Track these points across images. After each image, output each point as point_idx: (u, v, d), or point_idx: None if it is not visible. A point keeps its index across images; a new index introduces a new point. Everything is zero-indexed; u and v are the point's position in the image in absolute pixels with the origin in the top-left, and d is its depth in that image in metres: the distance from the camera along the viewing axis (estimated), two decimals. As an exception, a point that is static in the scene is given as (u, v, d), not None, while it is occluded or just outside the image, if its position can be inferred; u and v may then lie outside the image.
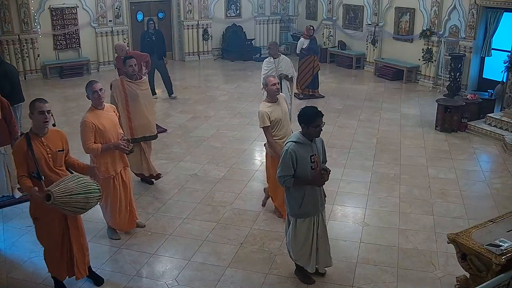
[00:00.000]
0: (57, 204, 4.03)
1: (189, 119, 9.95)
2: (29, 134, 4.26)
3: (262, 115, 5.54)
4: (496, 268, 3.81)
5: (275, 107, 5.62)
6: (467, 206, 6.32)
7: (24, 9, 12.81)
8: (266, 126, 5.54)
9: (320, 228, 4.64)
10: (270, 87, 5.60)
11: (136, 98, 6.35)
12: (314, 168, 4.43)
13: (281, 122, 5.61)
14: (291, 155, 4.34)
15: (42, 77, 13.43)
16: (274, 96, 5.64)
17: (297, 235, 4.59)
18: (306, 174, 4.41)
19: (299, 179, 4.41)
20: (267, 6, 16.94)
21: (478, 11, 10.94)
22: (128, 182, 5.48)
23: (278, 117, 5.58)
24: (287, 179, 4.40)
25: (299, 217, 4.55)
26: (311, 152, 4.43)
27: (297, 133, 4.50)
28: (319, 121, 4.35)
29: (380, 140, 8.69)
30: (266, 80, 5.70)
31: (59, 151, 4.35)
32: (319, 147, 4.56)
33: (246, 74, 14.04)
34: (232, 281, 4.85)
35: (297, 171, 4.38)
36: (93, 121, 4.99)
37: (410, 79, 12.96)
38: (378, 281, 4.84)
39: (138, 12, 14.92)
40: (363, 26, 14.44)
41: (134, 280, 4.86)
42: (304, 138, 4.42)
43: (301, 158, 4.36)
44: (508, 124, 8.69)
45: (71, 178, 4.19)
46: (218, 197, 6.58)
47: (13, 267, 5.07)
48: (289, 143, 4.44)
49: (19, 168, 4.21)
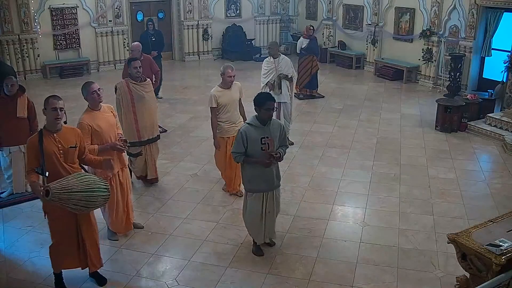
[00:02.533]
0: (55, 200, 4.06)
1: (189, 119, 9.95)
2: (42, 130, 4.34)
3: (210, 97, 6.22)
4: (496, 268, 3.80)
5: (226, 92, 6.25)
6: (467, 206, 6.32)
7: (24, 9, 12.81)
8: (212, 107, 6.22)
9: (268, 204, 5.07)
10: (226, 77, 6.19)
11: (142, 100, 6.32)
12: (264, 149, 4.85)
13: (227, 107, 6.24)
14: (241, 135, 4.86)
15: (42, 77, 13.43)
16: (227, 84, 6.26)
17: (247, 207, 5.14)
18: (257, 154, 4.87)
19: (249, 158, 4.91)
20: (267, 6, 16.94)
21: (478, 11, 10.94)
22: (125, 183, 5.47)
23: (225, 102, 6.22)
24: (237, 155, 4.94)
25: (249, 191, 5.08)
26: (263, 135, 4.87)
27: (252, 116, 4.99)
28: (270, 104, 4.82)
29: (380, 140, 8.69)
30: (225, 70, 6.20)
31: (70, 147, 4.38)
32: (274, 132, 4.95)
33: (246, 74, 14.02)
34: (232, 281, 4.85)
35: (248, 150, 4.89)
36: (89, 122, 4.98)
37: (410, 79, 12.96)
38: (378, 281, 4.84)
39: (138, 12, 14.91)
40: (363, 26, 14.44)
41: (134, 280, 4.86)
42: (257, 121, 4.89)
43: (252, 139, 4.85)
44: (508, 124, 8.69)
45: (74, 176, 4.21)
46: (218, 197, 6.58)
47: (13, 267, 5.07)
48: (244, 125, 5.01)
49: (29, 162, 4.30)
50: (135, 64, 6.27)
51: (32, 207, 6.27)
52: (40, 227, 5.76)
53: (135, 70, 6.26)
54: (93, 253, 4.66)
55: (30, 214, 6.14)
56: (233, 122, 6.33)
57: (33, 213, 6.12)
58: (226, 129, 6.34)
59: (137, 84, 6.29)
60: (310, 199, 6.50)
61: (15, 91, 6.20)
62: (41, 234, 5.61)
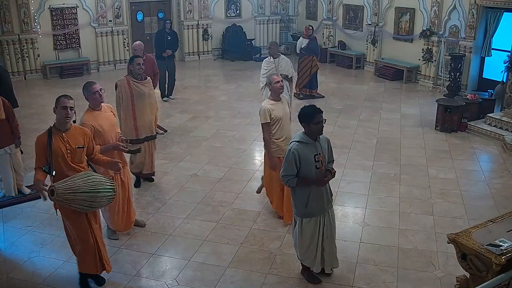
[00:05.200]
0: (60, 200, 4.08)
1: (189, 119, 9.95)
2: (51, 128, 4.33)
3: (264, 111, 5.55)
4: (496, 268, 3.80)
5: (278, 105, 5.62)
6: (467, 206, 6.32)
7: (24, 9, 12.81)
8: (266, 122, 5.56)
9: (326, 227, 4.61)
10: (274, 85, 5.60)
11: (143, 98, 6.33)
12: (319, 168, 4.42)
13: (281, 121, 5.60)
14: (294, 155, 4.34)
15: (42, 77, 13.42)
16: (278, 95, 5.64)
17: (303, 234, 4.59)
18: (311, 174, 4.39)
19: (302, 179, 4.40)
20: (267, 6, 16.94)
21: (478, 11, 10.94)
22: (126, 182, 5.48)
23: (279, 116, 5.58)
24: (290, 178, 4.40)
25: (305, 217, 4.53)
26: (315, 151, 4.42)
27: (300, 133, 4.50)
28: (319, 117, 4.36)
29: (380, 140, 8.69)
30: (270, 78, 5.70)
31: (78, 148, 4.39)
32: (324, 146, 4.54)
33: (246, 74, 14.03)
34: (232, 281, 4.84)
35: (301, 170, 4.38)
36: (92, 123, 4.98)
37: (410, 79, 12.96)
38: (378, 281, 4.84)
39: (138, 12, 14.91)
40: (363, 26, 14.43)
41: (134, 280, 4.86)
42: (307, 137, 4.42)
43: (305, 158, 4.36)
44: (508, 124, 8.69)
45: (81, 176, 4.21)
46: (218, 197, 6.58)
47: (13, 267, 5.06)
48: (292, 143, 4.44)
49: (37, 159, 4.30)
50: (138, 61, 6.29)
51: (32, 207, 6.27)
52: (40, 227, 5.77)
53: (138, 67, 6.26)
54: (104, 252, 4.64)
55: (30, 214, 6.14)
56: (288, 139, 5.26)
57: (33, 213, 6.13)
58: (282, 148, 5.50)
59: (138, 82, 6.31)
60: (310, 199, 6.49)
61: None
62: (41, 234, 5.62)
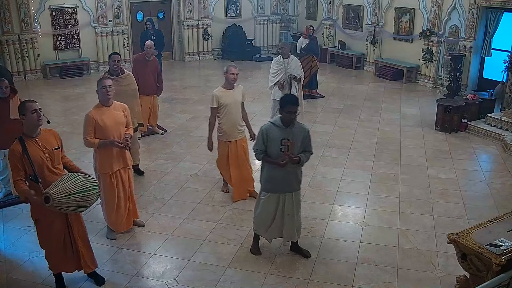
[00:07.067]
0: (57, 206, 4.04)
1: (189, 119, 9.95)
2: (22, 137, 4.25)
3: (212, 96, 6.15)
4: (496, 268, 3.80)
5: (229, 93, 6.14)
6: (467, 206, 6.32)
7: (24, 9, 12.81)
8: (213, 107, 6.14)
9: (287, 206, 4.98)
10: (229, 75, 6.08)
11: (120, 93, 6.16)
12: (284, 151, 4.73)
13: (228, 107, 6.11)
14: (262, 133, 4.82)
15: (42, 77, 13.43)
16: (231, 84, 6.14)
17: (259, 206, 5.08)
18: (276, 155, 4.78)
19: (267, 157, 4.86)
20: (267, 6, 16.95)
21: (478, 11, 10.94)
22: (128, 182, 5.46)
23: (226, 102, 6.10)
24: (257, 153, 4.89)
25: (264, 191, 5.01)
26: (284, 136, 4.76)
27: (277, 116, 4.92)
28: (291, 108, 4.70)
29: (380, 140, 8.69)
30: (228, 68, 6.12)
31: (55, 149, 4.37)
32: (297, 134, 4.82)
33: (246, 74, 14.02)
34: (232, 281, 4.84)
35: (268, 149, 4.83)
36: (95, 116, 5.05)
37: (410, 79, 12.96)
38: (378, 281, 4.84)
39: (138, 12, 14.92)
40: (363, 26, 14.44)
41: (134, 280, 4.86)
42: (280, 122, 4.80)
43: (272, 139, 4.77)
44: (508, 124, 8.69)
45: (67, 178, 4.18)
46: (218, 197, 6.58)
47: (13, 267, 5.07)
48: (266, 123, 4.91)
49: (15, 172, 4.19)
50: (114, 58, 6.50)
51: (32, 207, 6.27)
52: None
53: (113, 63, 6.50)
54: (85, 253, 4.64)
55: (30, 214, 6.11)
56: (234, 126, 6.22)
57: (33, 213, 6.12)
58: (227, 133, 6.24)
59: (112, 78, 6.15)
60: (310, 199, 6.50)
61: (8, 93, 6.08)
62: (41, 234, 5.62)
